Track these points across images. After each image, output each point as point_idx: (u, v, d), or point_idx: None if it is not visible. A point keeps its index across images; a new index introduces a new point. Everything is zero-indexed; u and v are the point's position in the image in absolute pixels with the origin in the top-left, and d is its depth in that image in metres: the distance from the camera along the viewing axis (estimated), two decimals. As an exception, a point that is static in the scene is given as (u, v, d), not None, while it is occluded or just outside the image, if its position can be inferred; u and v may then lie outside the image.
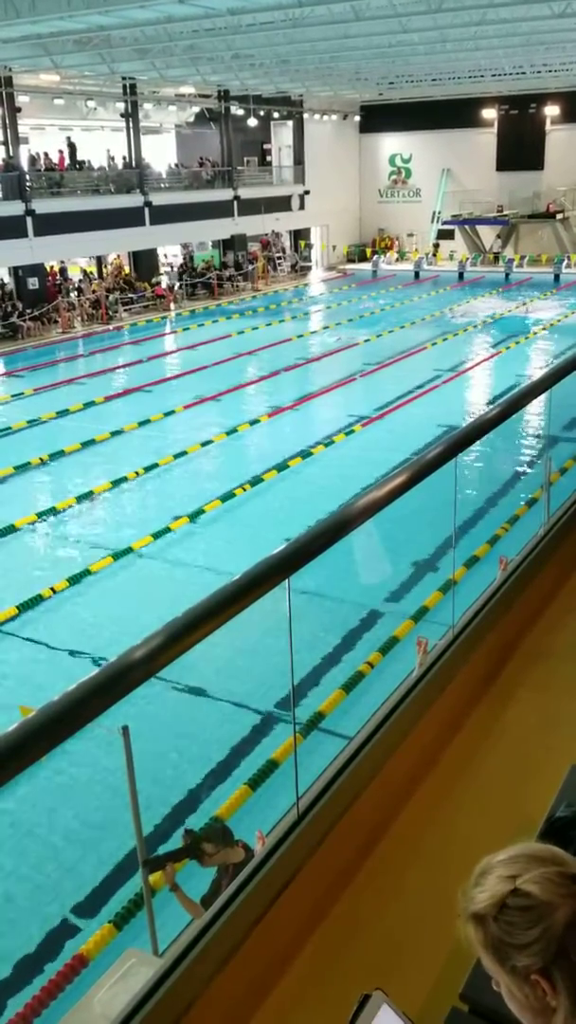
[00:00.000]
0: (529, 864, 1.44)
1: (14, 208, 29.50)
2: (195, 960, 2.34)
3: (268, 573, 2.47)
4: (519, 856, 1.46)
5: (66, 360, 26.90)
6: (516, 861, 1.46)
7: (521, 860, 1.45)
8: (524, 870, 1.43)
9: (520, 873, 1.43)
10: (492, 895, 1.43)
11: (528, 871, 1.43)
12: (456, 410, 19.66)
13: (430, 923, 1.48)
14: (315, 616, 10.38)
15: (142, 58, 27.30)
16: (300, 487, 15.54)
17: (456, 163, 44.44)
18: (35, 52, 25.61)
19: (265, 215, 40.02)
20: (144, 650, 2.08)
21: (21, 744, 1.76)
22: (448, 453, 3.49)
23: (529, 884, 1.41)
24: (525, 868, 1.44)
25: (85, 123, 36.69)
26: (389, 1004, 1.61)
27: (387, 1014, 1.60)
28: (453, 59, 30.35)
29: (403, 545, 11.72)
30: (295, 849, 2.69)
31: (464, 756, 3.46)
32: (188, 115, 40.68)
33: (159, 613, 7.64)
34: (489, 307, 33.32)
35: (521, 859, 1.46)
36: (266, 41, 25.37)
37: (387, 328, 28.93)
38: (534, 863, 1.44)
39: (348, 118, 45.60)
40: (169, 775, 8.05)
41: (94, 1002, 3.53)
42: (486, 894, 1.43)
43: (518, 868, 1.44)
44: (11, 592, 11.65)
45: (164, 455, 17.02)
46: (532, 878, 1.42)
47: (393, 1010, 1.61)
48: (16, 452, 17.48)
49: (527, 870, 1.43)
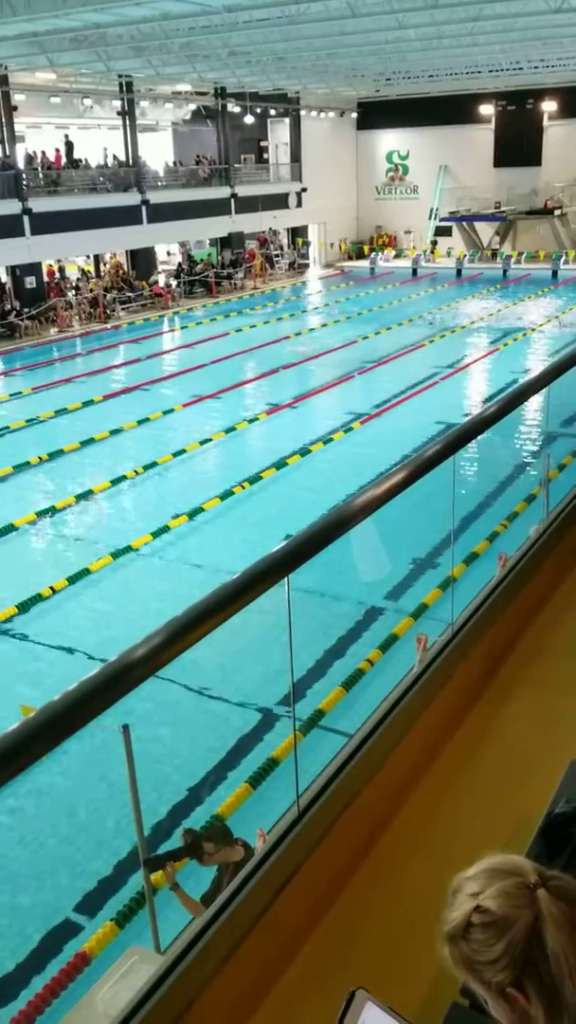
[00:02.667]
0: (490, 879, 1.44)
1: (11, 207, 29.46)
2: (197, 957, 2.35)
3: (268, 571, 2.47)
4: (481, 872, 1.47)
5: (64, 359, 26.89)
6: (478, 878, 1.46)
7: (482, 876, 1.46)
8: (485, 886, 1.44)
9: (482, 889, 1.43)
10: (458, 915, 1.44)
11: (488, 886, 1.43)
12: (455, 407, 19.66)
13: (430, 919, 1.48)
14: (314, 614, 10.39)
15: (138, 56, 27.27)
16: (299, 484, 15.55)
17: (453, 159, 44.40)
18: (31, 50, 25.58)
19: (262, 213, 39.99)
20: (145, 649, 2.09)
21: (23, 743, 1.77)
22: (447, 450, 3.50)
23: (488, 900, 1.42)
24: (486, 884, 1.44)
25: (82, 121, 36.63)
26: (374, 1001, 1.62)
27: (373, 1011, 1.61)
28: (450, 55, 30.31)
29: (402, 542, 11.73)
30: (296, 846, 2.70)
31: (464, 753, 3.47)
32: (185, 113, 40.63)
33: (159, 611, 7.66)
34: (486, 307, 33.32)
35: (482, 875, 1.46)
36: (262, 38, 25.34)
37: (384, 325, 28.92)
38: (494, 877, 1.44)
39: (345, 115, 45.55)
40: (168, 772, 8.06)
41: (97, 999, 3.55)
42: (455, 914, 1.45)
43: (480, 884, 1.45)
44: (10, 591, 11.66)
45: (163, 453, 17.03)
46: (490, 894, 1.42)
47: (379, 1006, 1.62)
48: (15, 451, 17.48)
49: (488, 885, 1.43)
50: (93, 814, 7.66)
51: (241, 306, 34.45)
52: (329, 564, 2.95)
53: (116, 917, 6.43)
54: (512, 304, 33.15)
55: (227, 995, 2.44)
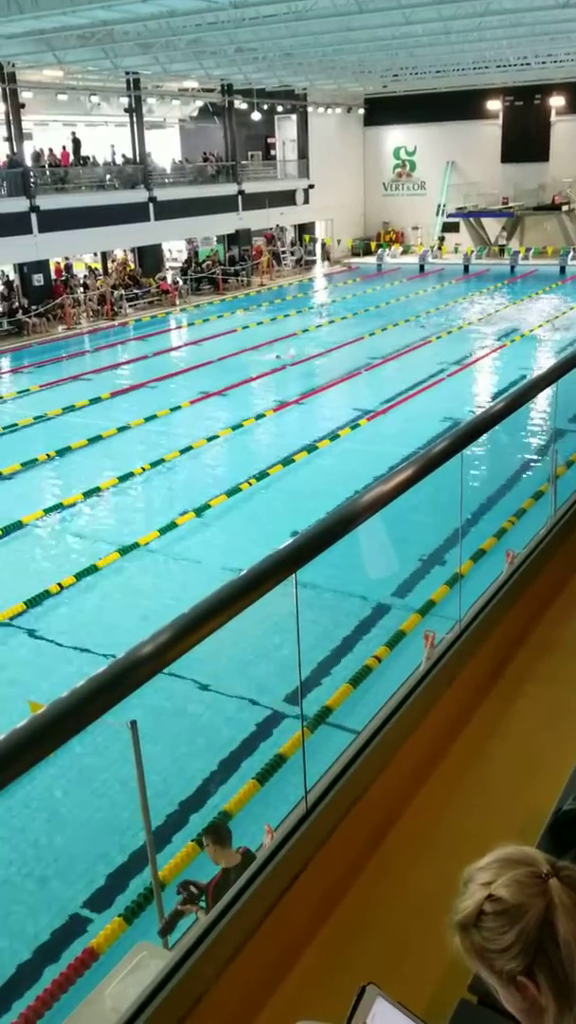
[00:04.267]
0: (502, 869, 1.46)
1: (19, 204, 29.50)
2: (206, 953, 2.36)
3: (275, 567, 2.47)
4: (493, 862, 1.49)
5: (72, 356, 26.91)
6: (490, 867, 1.48)
7: (495, 866, 1.48)
8: (497, 875, 1.45)
9: (494, 879, 1.45)
10: (471, 903, 1.45)
11: (500, 876, 1.45)
12: (461, 403, 19.64)
13: (439, 915, 1.49)
14: (321, 611, 10.40)
15: (145, 52, 27.26)
16: (306, 481, 15.55)
17: (461, 155, 44.28)
18: (38, 48, 25.60)
19: (269, 209, 39.94)
20: (152, 646, 2.09)
21: (32, 740, 1.77)
22: (455, 446, 3.49)
23: (500, 889, 1.43)
24: (498, 873, 1.46)
25: (89, 118, 36.63)
26: (384, 996, 1.63)
27: (383, 1006, 1.62)
28: (457, 51, 30.21)
29: (409, 539, 11.73)
30: (304, 842, 2.70)
31: (472, 749, 3.46)
32: (192, 109, 40.60)
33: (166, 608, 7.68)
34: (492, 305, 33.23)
35: (495, 865, 1.48)
36: (269, 34, 25.29)
37: (391, 322, 28.88)
38: (507, 867, 1.46)
39: (352, 111, 45.46)
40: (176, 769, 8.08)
41: (105, 995, 3.56)
42: (466, 903, 1.46)
43: (492, 874, 1.46)
44: (18, 588, 11.69)
45: (170, 450, 17.05)
46: (503, 882, 1.44)
47: (389, 1001, 1.63)
48: (23, 448, 17.52)
49: (500, 875, 1.45)
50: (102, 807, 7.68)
51: (248, 303, 34.44)
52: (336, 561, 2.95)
53: (124, 913, 6.45)
54: (519, 300, 33.06)
55: (236, 991, 2.44)
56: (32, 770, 1.81)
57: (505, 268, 39.93)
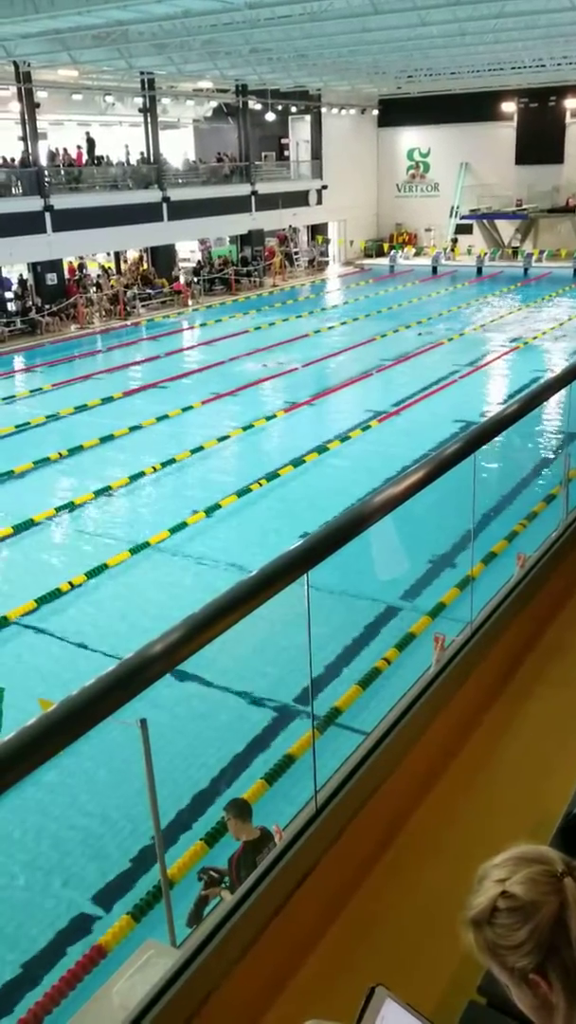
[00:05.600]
0: (517, 866, 1.47)
1: (33, 204, 29.60)
2: (215, 951, 2.36)
3: (287, 568, 2.47)
4: (508, 859, 1.50)
5: (84, 356, 26.99)
6: (505, 865, 1.49)
7: (509, 863, 1.49)
8: (512, 873, 1.46)
9: (509, 876, 1.46)
10: (484, 900, 1.45)
11: (515, 873, 1.46)
12: (473, 405, 19.60)
13: (447, 917, 1.49)
14: (331, 613, 10.39)
15: (160, 53, 27.32)
16: (316, 483, 15.55)
17: (475, 157, 44.20)
18: (53, 47, 25.70)
19: (282, 210, 39.96)
20: (163, 644, 2.09)
21: (42, 738, 1.78)
22: (467, 449, 3.48)
23: (515, 886, 1.44)
24: (513, 870, 1.47)
25: (103, 118, 36.73)
26: (393, 997, 1.63)
27: (392, 1007, 1.62)
28: (472, 52, 30.16)
29: (419, 541, 11.71)
30: (313, 842, 2.70)
31: (482, 752, 3.46)
32: (206, 110, 40.67)
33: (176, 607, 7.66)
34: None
35: (510, 862, 1.49)
36: (284, 35, 25.31)
37: (403, 323, 28.85)
38: (521, 865, 1.47)
39: (366, 112, 45.43)
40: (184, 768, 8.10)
41: (113, 993, 3.56)
42: (480, 899, 1.47)
43: (507, 871, 1.47)
44: (30, 586, 11.74)
45: (181, 450, 17.08)
46: (517, 880, 1.45)
47: (398, 1003, 1.63)
48: (35, 447, 17.58)
49: (515, 872, 1.46)
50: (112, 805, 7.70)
51: (260, 304, 34.46)
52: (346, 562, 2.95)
53: (132, 911, 6.46)
54: (532, 303, 32.97)
55: (244, 989, 2.45)
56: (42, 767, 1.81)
57: (518, 270, 39.83)
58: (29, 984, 6.07)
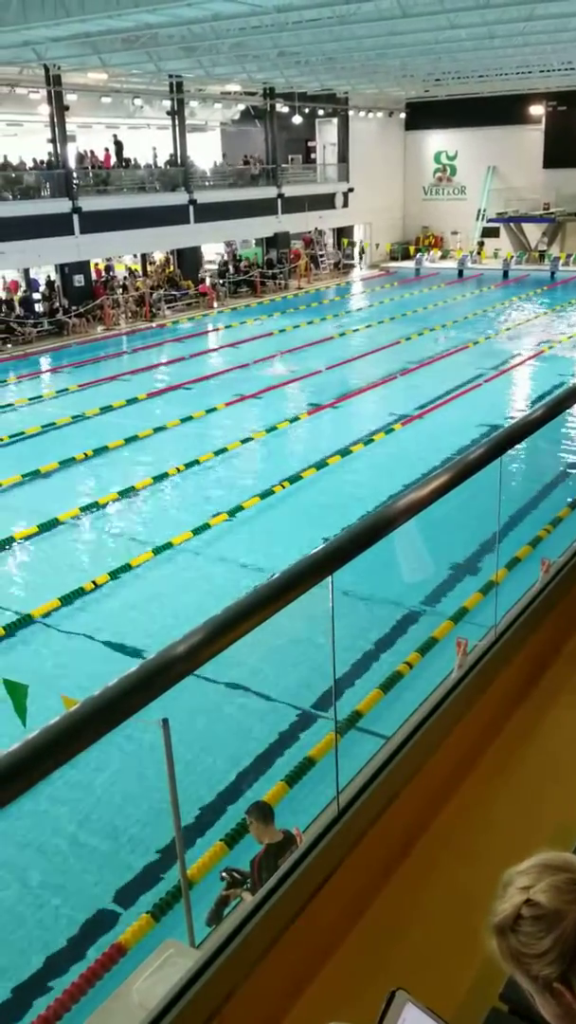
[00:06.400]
0: (541, 874, 1.46)
1: (61, 206, 29.83)
2: (235, 951, 2.36)
3: (310, 571, 2.47)
4: (533, 866, 1.48)
5: (110, 357, 27.13)
6: (530, 872, 1.47)
7: (534, 870, 1.47)
8: (536, 880, 1.45)
9: (533, 883, 1.45)
10: (509, 907, 1.44)
11: (540, 881, 1.44)
12: (499, 409, 19.51)
13: (469, 923, 1.48)
14: (352, 616, 10.37)
15: (189, 56, 27.43)
16: (338, 485, 15.53)
17: (502, 160, 44.01)
18: (83, 51, 25.88)
19: (308, 213, 40.00)
20: (185, 646, 2.10)
21: (66, 736, 1.79)
22: (492, 453, 3.47)
23: (539, 894, 1.43)
24: (537, 878, 1.45)
25: (132, 121, 36.94)
26: (414, 1002, 1.62)
27: (413, 1011, 1.61)
28: (501, 55, 30.04)
29: (442, 545, 11.68)
30: (335, 845, 2.70)
31: (505, 758, 3.44)
32: (233, 113, 40.79)
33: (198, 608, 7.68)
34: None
35: (534, 869, 1.47)
36: (312, 38, 25.34)
37: (428, 326, 28.77)
38: (546, 872, 1.46)
39: (393, 115, 45.38)
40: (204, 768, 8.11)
41: (132, 991, 3.59)
42: (504, 906, 1.45)
43: (531, 878, 1.46)
44: (54, 585, 11.81)
45: (205, 452, 17.13)
46: (541, 888, 1.43)
47: (419, 1007, 1.62)
48: (61, 447, 17.70)
49: (539, 880, 1.45)
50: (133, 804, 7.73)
51: (285, 306, 34.49)
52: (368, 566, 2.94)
53: (152, 910, 6.49)
54: (559, 306, 32.76)
55: (265, 991, 2.44)
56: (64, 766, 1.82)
57: (545, 274, 39.60)
58: (50, 979, 6.11)
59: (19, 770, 1.67)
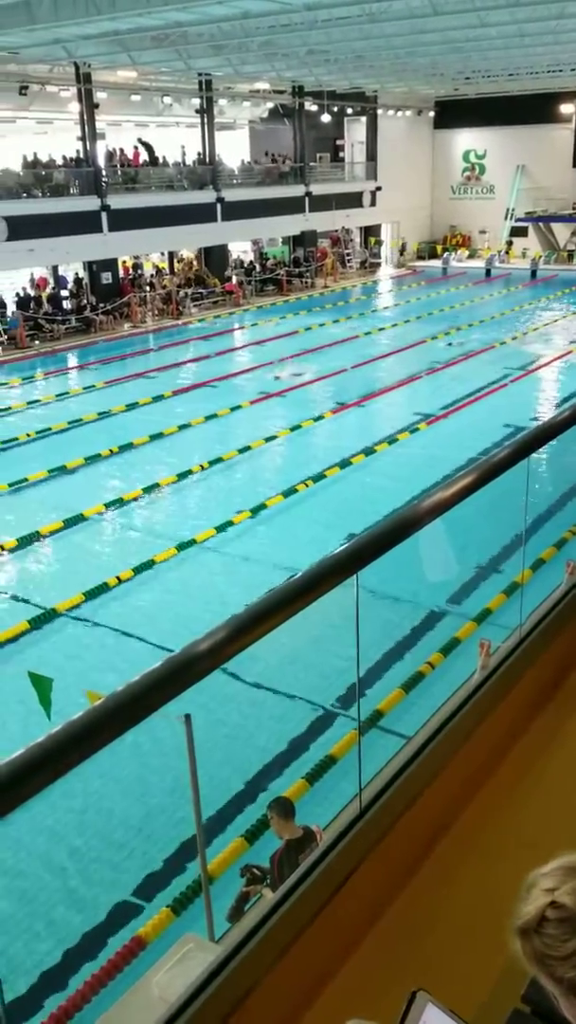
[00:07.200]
0: (566, 876, 1.45)
1: (90, 203, 30.00)
2: (256, 947, 2.37)
3: (334, 570, 2.47)
4: (558, 868, 1.47)
5: (136, 354, 27.25)
6: (554, 874, 1.46)
7: (559, 872, 1.46)
8: (561, 882, 1.44)
9: (558, 885, 1.44)
10: (533, 909, 1.44)
11: (565, 883, 1.43)
12: (524, 410, 19.39)
13: (492, 924, 1.48)
14: (374, 616, 10.36)
15: (218, 54, 27.48)
16: (362, 485, 15.51)
17: (531, 159, 43.72)
18: (113, 49, 26.01)
19: (336, 211, 39.94)
20: (209, 643, 2.11)
21: (90, 730, 1.80)
22: (518, 454, 3.45)
23: (564, 896, 1.42)
24: (562, 880, 1.44)
25: (160, 119, 37.07)
26: (435, 1002, 1.62)
27: (434, 1012, 1.61)
28: (531, 53, 29.83)
29: (465, 546, 11.64)
30: (357, 843, 2.70)
31: (529, 760, 3.42)
32: (262, 111, 40.81)
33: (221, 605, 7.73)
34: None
35: (559, 871, 1.46)
36: (342, 37, 25.29)
37: (454, 326, 28.64)
38: (571, 875, 1.45)
39: (422, 114, 45.21)
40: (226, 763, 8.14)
41: (152, 984, 3.60)
42: (529, 908, 1.45)
43: (556, 880, 1.45)
44: (78, 580, 11.89)
45: (229, 449, 17.17)
46: (567, 890, 1.42)
47: (440, 1008, 1.62)
48: (87, 444, 17.82)
49: (564, 882, 1.44)
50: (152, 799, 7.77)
51: (311, 304, 34.48)
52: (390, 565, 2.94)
53: (172, 904, 6.52)
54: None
55: (285, 987, 2.45)
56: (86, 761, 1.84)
57: (574, 274, 39.29)
58: (70, 971, 6.17)
59: (44, 762, 1.69)
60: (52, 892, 6.94)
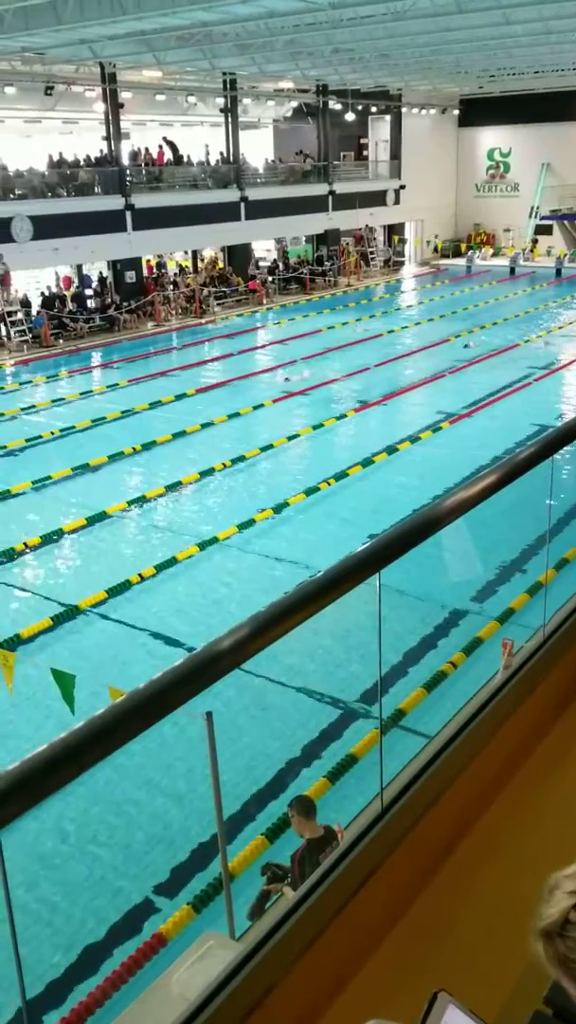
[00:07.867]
0: None
1: (114, 203, 30.13)
2: (276, 946, 2.37)
3: (356, 568, 2.46)
4: None
5: (159, 353, 27.35)
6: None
7: None
8: None
9: None
10: (556, 912, 1.42)
11: None
12: (549, 409, 19.27)
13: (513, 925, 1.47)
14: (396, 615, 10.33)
15: (242, 53, 27.51)
16: (384, 483, 15.47)
17: (556, 157, 43.40)
18: (138, 48, 26.09)
19: (359, 210, 39.86)
20: (231, 640, 2.10)
21: (112, 727, 1.80)
22: (542, 453, 3.42)
23: None
24: None
25: (185, 118, 37.14)
26: (456, 1003, 1.61)
27: (455, 1013, 1.60)
28: (557, 51, 29.61)
29: (487, 545, 11.58)
30: (378, 842, 2.69)
31: (552, 760, 3.40)
32: (286, 110, 40.80)
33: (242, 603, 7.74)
34: None
35: None
36: (366, 35, 25.23)
37: (478, 324, 28.51)
38: None
39: (447, 112, 45.01)
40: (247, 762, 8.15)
41: (172, 981, 3.62)
42: (552, 911, 1.43)
43: None
44: (101, 577, 11.96)
45: (251, 448, 17.18)
46: None
47: (461, 1009, 1.61)
48: (110, 441, 17.91)
49: None
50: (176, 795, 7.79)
51: (334, 303, 34.43)
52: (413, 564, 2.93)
53: (192, 901, 6.54)
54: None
55: (305, 986, 2.45)
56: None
57: (599, 272, 39.01)
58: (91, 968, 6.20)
59: (67, 758, 1.70)
60: (72, 888, 6.97)
